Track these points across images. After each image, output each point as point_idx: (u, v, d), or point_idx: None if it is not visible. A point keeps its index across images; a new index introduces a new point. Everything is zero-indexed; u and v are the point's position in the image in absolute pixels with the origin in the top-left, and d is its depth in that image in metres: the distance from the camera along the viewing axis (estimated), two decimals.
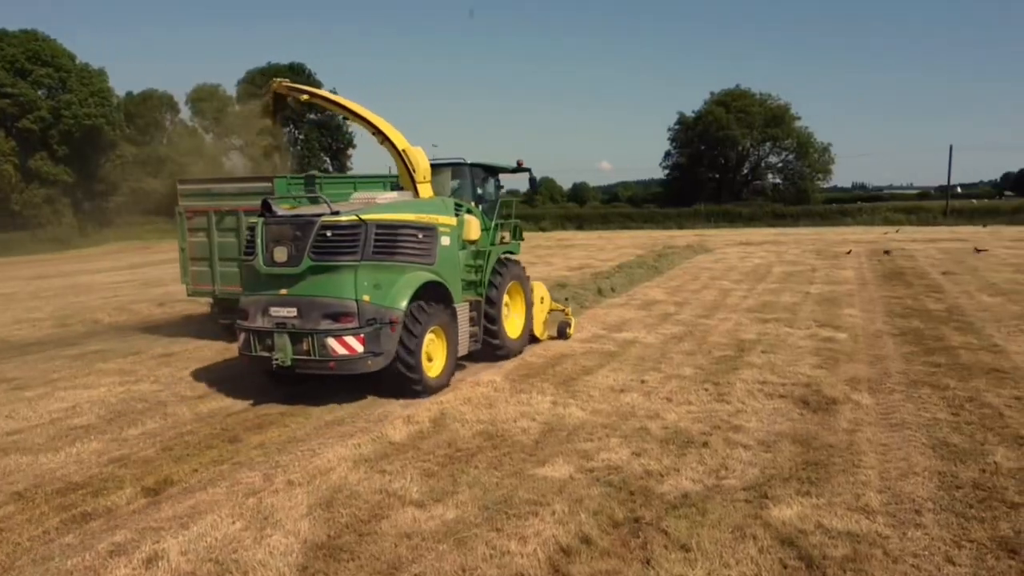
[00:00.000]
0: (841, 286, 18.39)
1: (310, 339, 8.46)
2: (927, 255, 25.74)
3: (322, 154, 57.22)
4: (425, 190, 10.55)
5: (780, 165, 59.41)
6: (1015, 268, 21.01)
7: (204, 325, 14.81)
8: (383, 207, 9.22)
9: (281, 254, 8.61)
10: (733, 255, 28.06)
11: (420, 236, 9.38)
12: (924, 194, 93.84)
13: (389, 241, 8.91)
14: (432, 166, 10.70)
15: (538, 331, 12.44)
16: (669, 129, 61.61)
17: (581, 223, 51.23)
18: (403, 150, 10.58)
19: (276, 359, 8.59)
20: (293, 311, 8.61)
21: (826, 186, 63.19)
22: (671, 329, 13.32)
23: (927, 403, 8.32)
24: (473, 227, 10.66)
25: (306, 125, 58.74)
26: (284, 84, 12.54)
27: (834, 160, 57.69)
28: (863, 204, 54.82)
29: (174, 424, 8.48)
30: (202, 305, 16.27)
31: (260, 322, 8.78)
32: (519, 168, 12.43)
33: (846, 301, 15.94)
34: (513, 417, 8.16)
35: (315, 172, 13.77)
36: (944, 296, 16.14)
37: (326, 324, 8.45)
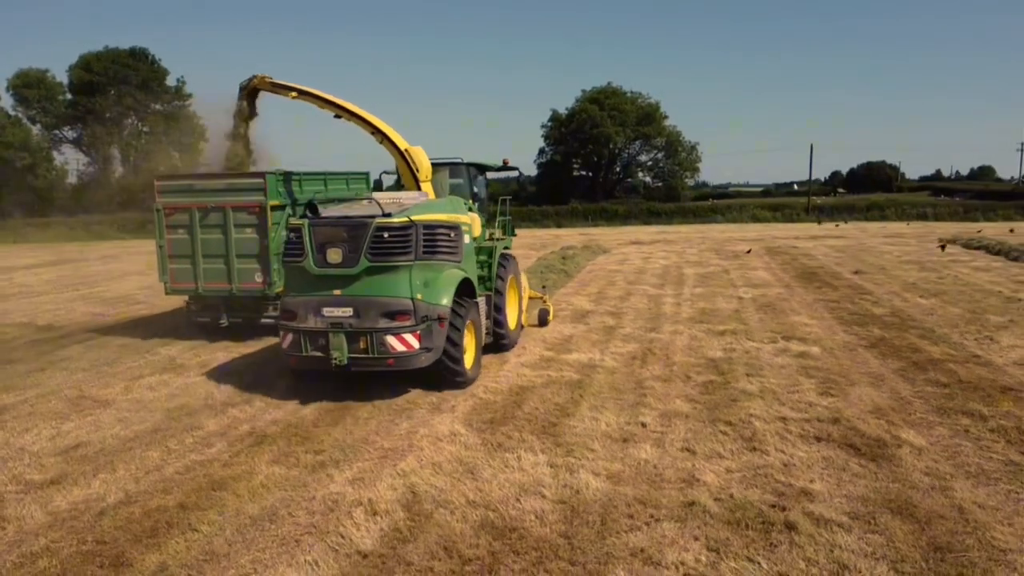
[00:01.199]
0: (768, 289, 17.63)
1: (368, 337, 8.68)
2: (823, 253, 25.94)
3: (170, 148, 51.67)
4: (427, 189, 11.16)
5: (650, 163, 60.35)
6: (919, 266, 21.29)
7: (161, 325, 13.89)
8: (422, 207, 9.42)
9: (335, 255, 8.74)
10: (634, 256, 27.17)
11: (452, 235, 9.65)
12: (767, 191, 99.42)
13: (432, 241, 9.18)
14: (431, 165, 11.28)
15: (524, 319, 12.79)
16: (542, 126, 61.14)
17: None
18: (405, 150, 11.07)
19: (334, 358, 8.72)
20: (349, 311, 8.75)
21: (693, 184, 65.01)
22: (624, 347, 11.72)
23: (982, 439, 7.17)
24: (477, 225, 10.90)
25: (150, 115, 52.87)
26: (267, 80, 12.58)
27: (700, 159, 59.25)
28: (731, 202, 56.64)
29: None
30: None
31: (312, 323, 8.83)
32: (505, 167, 12.86)
33: (786, 307, 15.05)
34: (513, 494, 6.15)
35: (281, 168, 13.15)
36: (878, 299, 15.64)
37: (384, 323, 8.69)
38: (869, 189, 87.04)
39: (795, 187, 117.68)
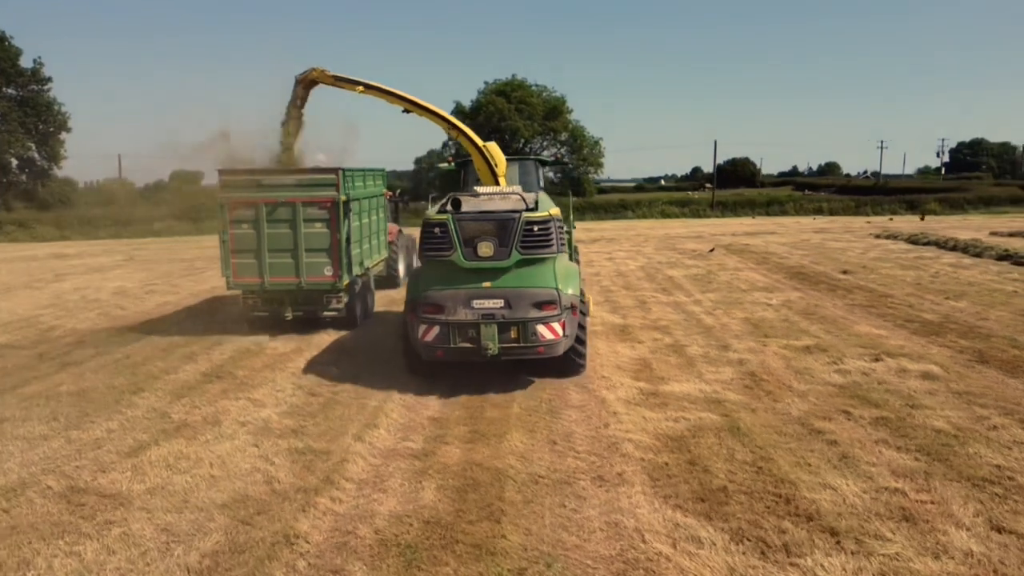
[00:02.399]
0: (782, 293, 16.58)
1: (519, 327, 9.02)
2: (786, 251, 25.49)
3: (25, 138, 45.04)
4: (503, 183, 11.98)
5: (554, 159, 59.15)
6: (896, 264, 21.10)
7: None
8: (544, 203, 10.00)
9: (487, 249, 9.13)
10: (596, 256, 25.67)
11: (563, 229, 10.00)
12: (639, 187, 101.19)
13: (559, 234, 9.60)
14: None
15: None
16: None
17: None
18: (483, 145, 11.83)
19: (487, 348, 8.96)
20: (500, 302, 9.08)
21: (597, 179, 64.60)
22: (721, 373, 10.08)
23: None
24: None
25: (3, 101, 45.69)
26: (328, 74, 13.11)
27: (603, 154, 58.92)
28: (641, 197, 56.71)
29: None
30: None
31: (462, 315, 9.04)
32: (557, 161, 15.60)
33: (830, 314, 13.97)
34: None
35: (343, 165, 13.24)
36: (911, 304, 14.89)
37: (534, 313, 9.05)
38: (734, 184, 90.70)
39: (662, 182, 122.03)
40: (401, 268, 19.09)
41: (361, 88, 12.95)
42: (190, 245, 34.38)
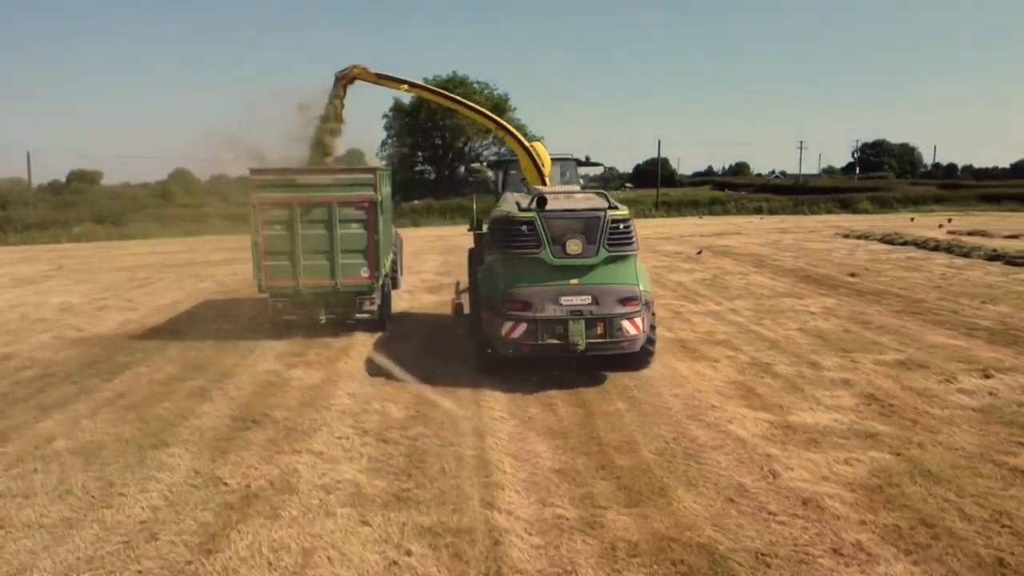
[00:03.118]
0: (809, 300, 15.74)
1: (605, 323, 9.26)
2: (773, 253, 24.89)
3: None
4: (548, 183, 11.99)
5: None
6: (896, 265, 20.75)
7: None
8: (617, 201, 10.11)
9: (576, 246, 9.32)
10: None
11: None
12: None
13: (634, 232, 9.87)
14: None
15: None
16: (384, 116, 56.32)
17: None
18: (531, 145, 11.85)
19: (575, 344, 9.15)
20: (587, 299, 9.29)
21: None
22: (840, 398, 8.97)
23: None
24: None
25: None
26: (371, 72, 13.11)
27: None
28: None
29: None
30: None
31: (550, 311, 9.20)
32: (588, 162, 13.61)
33: (883, 322, 13.16)
34: None
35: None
36: (955, 310, 14.29)
37: (620, 309, 9.31)
38: (653, 183, 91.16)
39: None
40: (400, 268, 18.53)
41: (406, 87, 12.77)
42: (120, 251, 31.19)
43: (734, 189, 76.38)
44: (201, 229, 39.97)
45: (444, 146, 54.57)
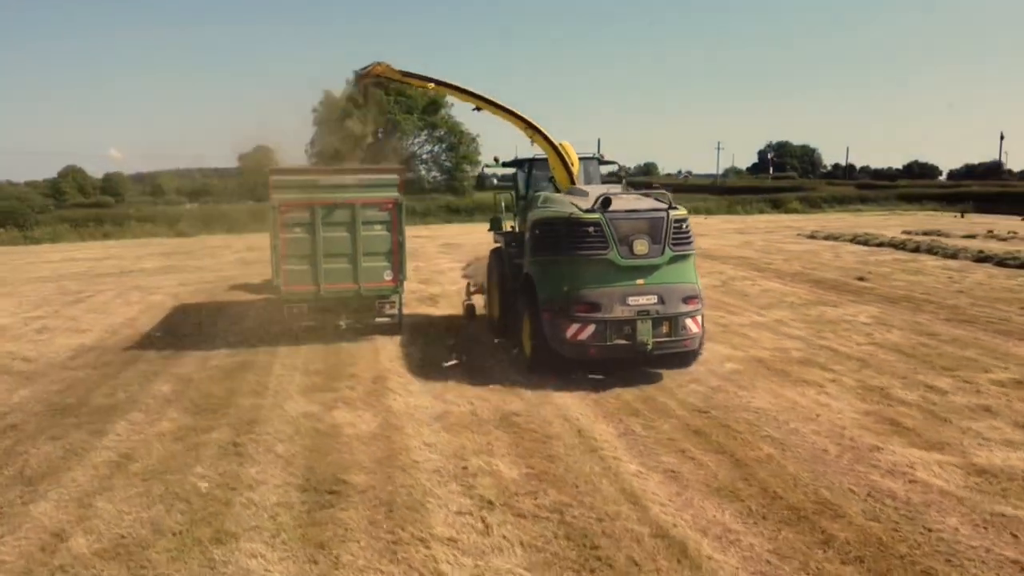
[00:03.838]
0: (850, 308, 14.81)
1: (670, 322, 9.39)
2: (757, 255, 24.11)
3: None
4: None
5: (429, 156, 55.60)
6: (904, 271, 20.25)
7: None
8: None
9: (643, 246, 9.33)
10: None
11: None
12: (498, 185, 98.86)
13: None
14: None
15: None
16: (314, 111, 52.84)
17: (231, 224, 40.22)
18: (560, 144, 11.55)
19: (643, 343, 9.25)
20: (654, 298, 9.34)
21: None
22: (1006, 431, 7.82)
23: None
24: None
25: None
26: (394, 69, 12.68)
27: (480, 151, 56.07)
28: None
29: None
30: None
31: (619, 312, 9.22)
32: (603, 160, 13.07)
33: (952, 334, 12.28)
34: None
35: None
36: (998, 315, 13.63)
37: (683, 307, 9.45)
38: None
39: (494, 181, 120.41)
40: None
41: (432, 85, 12.46)
42: (32, 258, 27.46)
43: (652, 189, 76.52)
44: (119, 232, 36.34)
45: (376, 143, 51.84)
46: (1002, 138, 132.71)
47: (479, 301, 14.04)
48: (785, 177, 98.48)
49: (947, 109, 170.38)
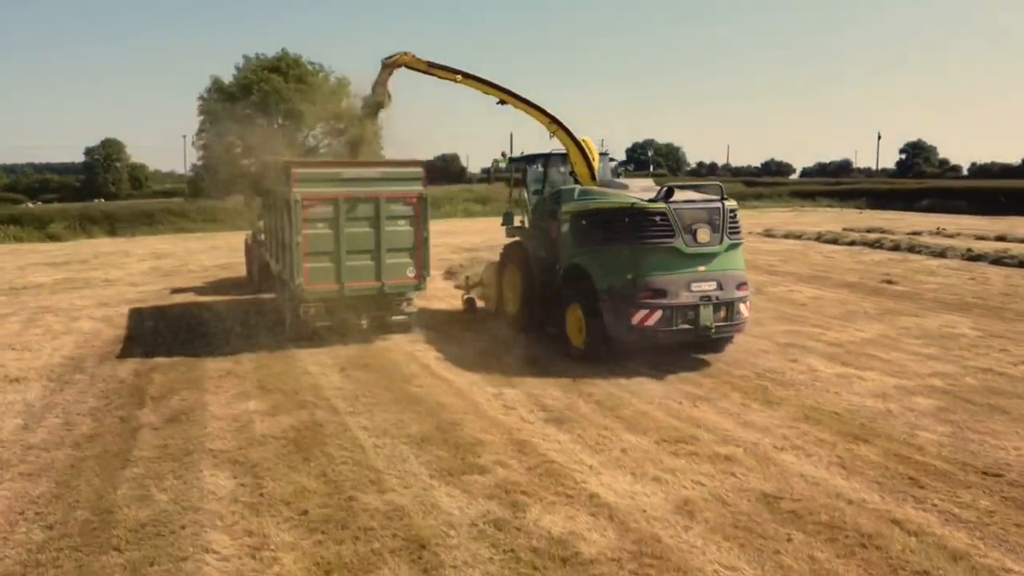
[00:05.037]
0: (926, 319, 13.45)
1: (727, 307, 9.88)
2: (775, 259, 22.72)
3: None
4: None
5: (328, 151, 51.02)
6: (919, 272, 19.41)
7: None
8: None
9: (705, 235, 9.73)
10: None
11: None
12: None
13: None
14: None
15: None
16: (200, 99, 47.15)
17: (113, 225, 34.53)
18: (583, 140, 11.80)
19: (707, 328, 9.72)
20: (713, 284, 9.78)
21: None
22: None
23: None
24: None
25: None
26: (420, 60, 12.64)
27: (383, 147, 52.35)
28: (434, 191, 51.27)
29: None
30: None
31: (684, 298, 9.62)
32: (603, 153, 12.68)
33: None
34: None
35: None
36: None
37: (738, 293, 9.96)
38: (449, 180, 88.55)
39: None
40: None
41: (459, 77, 12.35)
42: None
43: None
44: None
45: (275, 136, 47.02)
46: (879, 138, 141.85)
47: (478, 295, 14.16)
48: (657, 175, 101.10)
49: (800, 111, 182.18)
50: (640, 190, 10.56)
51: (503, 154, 14.07)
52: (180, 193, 67.03)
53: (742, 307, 10.08)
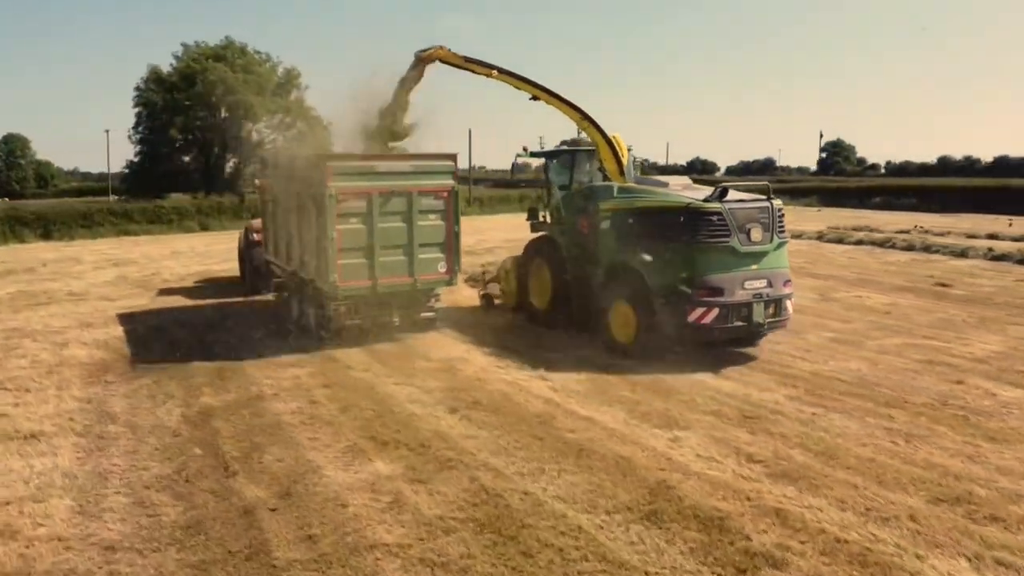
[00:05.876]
0: (1020, 323, 12.53)
1: (776, 304, 10.15)
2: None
3: None
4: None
5: (271, 145, 47.62)
6: (962, 273, 18.66)
7: None
8: None
9: (758, 234, 9.88)
10: None
11: None
12: None
13: None
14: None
15: None
16: (137, 89, 42.99)
17: (47, 227, 30.74)
18: (614, 136, 11.74)
19: (759, 324, 10.02)
20: (764, 282, 9.96)
21: None
22: None
23: None
24: None
25: None
26: (457, 55, 12.22)
27: (332, 141, 49.26)
28: None
29: None
30: None
31: (739, 296, 9.77)
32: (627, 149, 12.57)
33: None
34: None
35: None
36: None
37: (785, 290, 10.23)
38: None
39: None
40: None
41: (495, 73, 12.12)
42: None
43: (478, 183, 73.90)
44: None
45: (218, 130, 43.58)
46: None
47: (495, 291, 14.22)
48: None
49: (726, 110, 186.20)
50: (682, 188, 10.78)
51: (524, 148, 13.78)
52: (95, 192, 62.44)
53: (788, 304, 10.40)
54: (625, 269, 10.68)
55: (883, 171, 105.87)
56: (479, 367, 10.05)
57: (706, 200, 9.88)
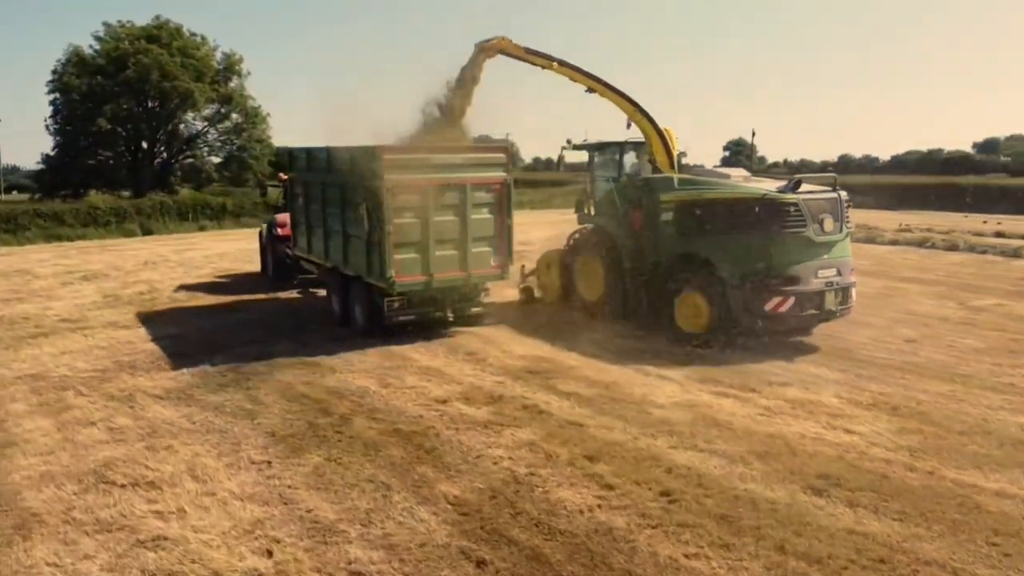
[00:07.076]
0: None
1: (843, 292, 10.57)
2: None
3: None
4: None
5: (217, 138, 43.05)
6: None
7: None
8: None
9: (830, 224, 10.28)
10: None
11: None
12: None
13: None
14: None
15: None
16: (55, 73, 37.68)
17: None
18: (665, 129, 12.14)
19: (831, 311, 10.44)
20: (834, 271, 10.44)
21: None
22: None
23: None
24: None
25: None
26: (517, 45, 12.29)
27: (271, 135, 45.37)
28: None
29: None
30: None
31: (813, 284, 10.19)
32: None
33: None
34: None
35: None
36: None
37: (851, 278, 10.70)
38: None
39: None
40: None
41: (556, 65, 12.14)
42: None
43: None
44: None
45: (149, 119, 39.20)
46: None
47: (534, 284, 14.24)
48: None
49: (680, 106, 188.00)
50: (745, 179, 11.26)
51: (568, 141, 13.68)
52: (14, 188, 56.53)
53: (853, 292, 10.79)
54: (694, 260, 11.01)
55: (785, 170, 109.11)
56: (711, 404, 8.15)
57: (780, 191, 10.32)
